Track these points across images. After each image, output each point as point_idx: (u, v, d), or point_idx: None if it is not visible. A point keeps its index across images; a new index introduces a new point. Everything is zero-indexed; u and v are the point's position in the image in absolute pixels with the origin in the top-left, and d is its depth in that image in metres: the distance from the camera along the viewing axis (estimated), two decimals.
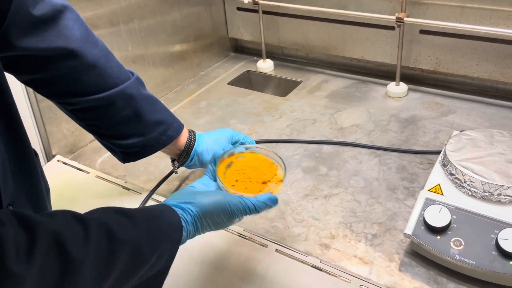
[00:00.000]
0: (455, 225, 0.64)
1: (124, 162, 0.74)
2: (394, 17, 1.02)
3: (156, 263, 0.48)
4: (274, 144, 0.98)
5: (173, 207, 0.54)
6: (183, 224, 0.53)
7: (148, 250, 0.46)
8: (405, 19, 1.01)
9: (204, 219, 0.55)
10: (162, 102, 0.76)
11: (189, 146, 0.77)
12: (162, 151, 0.76)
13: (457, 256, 0.61)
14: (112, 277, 0.42)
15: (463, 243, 0.62)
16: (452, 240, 0.63)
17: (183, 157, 0.78)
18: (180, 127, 0.76)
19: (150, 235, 0.47)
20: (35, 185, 0.55)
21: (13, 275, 0.34)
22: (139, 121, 0.70)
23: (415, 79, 1.15)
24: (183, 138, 0.77)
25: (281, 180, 0.64)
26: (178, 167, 0.81)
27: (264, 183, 0.63)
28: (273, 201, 0.59)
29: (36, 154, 0.61)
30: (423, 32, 1.06)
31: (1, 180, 0.46)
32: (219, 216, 0.56)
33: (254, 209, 0.57)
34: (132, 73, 0.71)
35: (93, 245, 0.40)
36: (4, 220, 0.36)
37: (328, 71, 1.26)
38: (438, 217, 0.64)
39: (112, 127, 0.70)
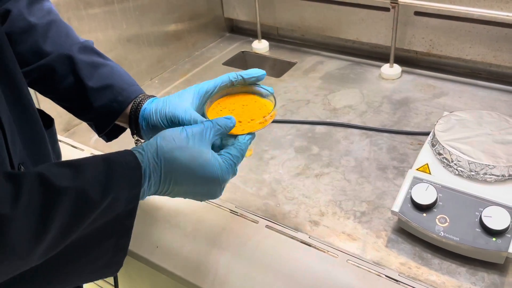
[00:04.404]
0: (441, 203, 0.65)
1: (105, 137, 0.69)
2: None
3: (112, 207, 0.45)
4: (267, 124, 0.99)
5: (131, 149, 0.50)
6: (142, 164, 0.48)
7: (95, 195, 0.44)
8: (400, 0, 1.01)
9: (169, 160, 0.49)
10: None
11: (137, 107, 0.64)
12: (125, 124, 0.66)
13: (442, 232, 0.63)
14: (53, 229, 0.41)
15: (448, 220, 0.64)
16: (438, 217, 0.64)
17: (134, 123, 0.64)
18: (135, 92, 0.65)
19: (98, 179, 0.44)
20: (42, 149, 0.54)
21: None
22: (83, 88, 0.63)
23: (409, 61, 1.16)
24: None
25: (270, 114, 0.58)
26: (136, 138, 0.67)
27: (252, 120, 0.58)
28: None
29: (51, 119, 0.61)
30: (417, 13, 1.06)
31: (9, 139, 0.46)
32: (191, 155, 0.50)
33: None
34: (82, 41, 0.66)
35: (24, 200, 0.39)
36: None
37: (323, 53, 1.26)
38: (424, 195, 0.65)
39: (64, 98, 0.66)
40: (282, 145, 0.92)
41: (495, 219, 0.61)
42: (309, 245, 0.68)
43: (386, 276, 0.63)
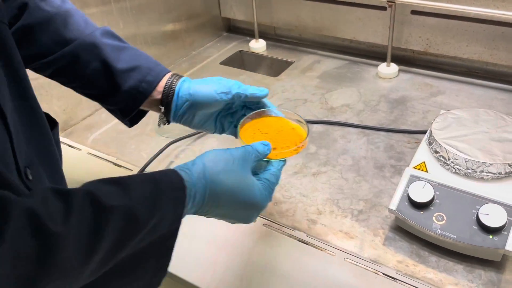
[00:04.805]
0: (438, 201, 0.65)
1: (128, 123, 0.69)
2: None
3: (157, 227, 0.45)
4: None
5: (176, 169, 0.49)
6: (187, 184, 0.48)
7: (143, 214, 0.43)
8: None
9: (214, 183, 0.49)
10: None
11: (171, 86, 0.64)
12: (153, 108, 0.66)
13: (439, 230, 0.63)
14: (103, 248, 0.40)
15: (445, 218, 0.64)
16: (435, 215, 0.64)
17: (165, 101, 0.64)
18: (162, 71, 0.65)
19: (145, 198, 0.44)
20: (48, 150, 0.54)
21: None
22: (110, 71, 0.63)
23: (406, 60, 1.16)
24: (162, 85, 0.65)
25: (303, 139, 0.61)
26: (164, 118, 0.66)
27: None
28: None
29: (56, 122, 0.60)
30: (414, 12, 1.06)
31: (15, 142, 0.45)
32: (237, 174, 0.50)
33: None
34: (100, 28, 0.66)
35: (75, 218, 0.39)
36: None
37: (320, 52, 1.27)
38: (421, 193, 0.66)
39: (90, 85, 0.65)
40: None
41: (492, 217, 0.61)
42: (307, 244, 0.68)
43: (383, 274, 0.63)
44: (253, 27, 1.29)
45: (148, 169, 0.86)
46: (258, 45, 1.30)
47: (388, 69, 1.11)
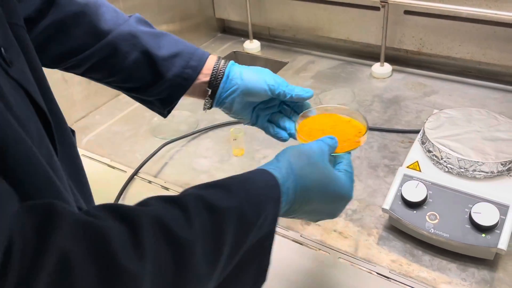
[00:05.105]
0: (431, 200, 0.66)
1: (166, 113, 0.66)
2: None
3: (262, 226, 0.42)
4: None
5: (265, 168, 0.47)
6: (280, 181, 0.45)
7: (252, 214, 0.41)
8: None
9: (302, 177, 0.47)
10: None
11: (218, 66, 0.62)
12: (196, 95, 0.64)
13: (432, 229, 0.64)
14: (225, 252, 0.38)
15: (438, 217, 0.64)
16: (428, 214, 0.65)
17: (213, 85, 0.62)
18: (204, 54, 0.63)
19: (250, 197, 0.42)
20: (75, 159, 0.49)
21: (128, 274, 0.30)
22: (151, 59, 0.60)
23: (400, 60, 1.17)
24: (208, 67, 0.62)
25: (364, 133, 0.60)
26: (211, 101, 0.63)
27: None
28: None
29: (73, 132, 0.56)
30: (407, 12, 1.07)
31: (48, 162, 0.38)
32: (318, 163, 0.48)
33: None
34: (132, 16, 0.63)
35: (197, 223, 0.37)
36: (99, 214, 0.32)
37: (314, 52, 1.27)
38: (414, 193, 0.66)
39: (130, 77, 0.62)
40: (274, 144, 0.91)
41: (484, 215, 0.62)
42: (301, 244, 0.68)
43: (377, 273, 0.63)
44: (247, 28, 1.29)
45: (143, 171, 0.86)
46: (252, 46, 1.30)
47: (382, 69, 1.12)
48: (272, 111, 0.66)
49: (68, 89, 1.02)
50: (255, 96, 0.62)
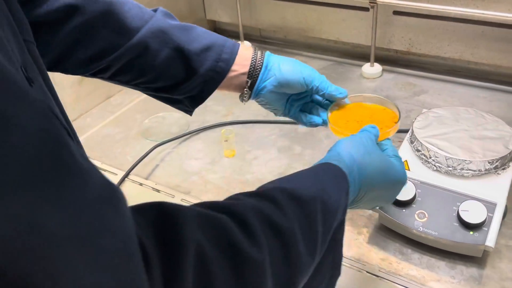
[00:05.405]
0: (419, 199, 0.66)
1: (192, 110, 0.64)
2: None
3: (337, 215, 0.43)
4: (250, 124, 0.99)
5: (328, 161, 0.48)
6: (346, 172, 0.46)
7: (332, 204, 0.42)
8: (379, 0, 1.02)
9: (364, 165, 0.48)
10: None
11: (256, 57, 0.60)
12: (230, 88, 0.62)
13: (421, 227, 0.64)
14: (318, 240, 0.39)
15: (426, 215, 0.65)
16: (417, 212, 0.65)
17: (252, 75, 0.60)
18: (234, 46, 0.60)
19: (326, 189, 0.43)
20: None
21: (254, 261, 0.32)
22: (184, 55, 0.57)
23: (390, 60, 1.17)
24: (244, 58, 0.60)
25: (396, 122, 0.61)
26: (249, 93, 0.62)
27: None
28: None
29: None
30: (396, 13, 1.08)
31: None
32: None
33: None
34: (155, 10, 0.60)
35: (290, 213, 0.38)
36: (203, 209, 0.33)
37: (305, 53, 1.27)
38: (403, 191, 0.66)
39: (161, 76, 0.59)
40: (264, 145, 0.92)
41: (472, 213, 0.62)
42: None
43: (367, 272, 0.64)
44: (238, 29, 1.29)
45: (134, 173, 0.86)
46: None
47: (372, 69, 1.12)
48: (305, 101, 0.66)
49: (59, 92, 1.00)
50: (290, 87, 0.62)
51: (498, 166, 0.67)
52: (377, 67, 1.13)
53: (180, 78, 0.59)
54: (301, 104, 0.66)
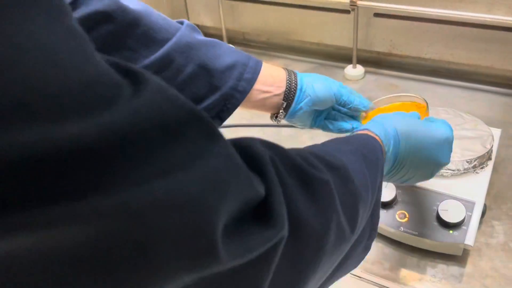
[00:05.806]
0: (400, 199, 0.67)
1: None
2: (348, 1, 1.04)
3: (378, 173, 0.44)
4: (234, 128, 0.99)
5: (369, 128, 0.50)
6: (383, 141, 0.48)
7: (372, 158, 0.44)
8: (359, 2, 1.03)
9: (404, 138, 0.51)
10: None
11: (291, 79, 0.61)
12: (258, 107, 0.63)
13: (401, 228, 0.65)
14: (369, 184, 0.41)
15: (407, 216, 0.65)
16: (397, 213, 0.66)
17: (288, 96, 0.61)
18: (257, 64, 0.60)
19: (371, 155, 0.44)
20: None
21: (322, 181, 0.34)
22: (208, 73, 0.56)
23: (372, 61, 1.18)
24: (269, 76, 0.61)
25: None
26: (284, 114, 0.63)
27: None
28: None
29: None
30: (377, 15, 1.09)
31: None
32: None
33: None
34: (182, 22, 0.58)
35: (338, 157, 0.39)
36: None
37: (289, 56, 1.28)
38: (384, 192, 0.67)
39: (182, 92, 0.56)
40: None
41: (451, 212, 0.63)
42: None
43: (350, 274, 0.64)
44: (221, 33, 1.30)
45: None
46: None
47: (355, 71, 1.13)
48: (328, 111, 0.68)
49: None
50: (322, 105, 0.64)
51: (477, 165, 0.68)
52: (360, 69, 1.14)
53: (200, 96, 0.58)
54: (325, 114, 0.68)
